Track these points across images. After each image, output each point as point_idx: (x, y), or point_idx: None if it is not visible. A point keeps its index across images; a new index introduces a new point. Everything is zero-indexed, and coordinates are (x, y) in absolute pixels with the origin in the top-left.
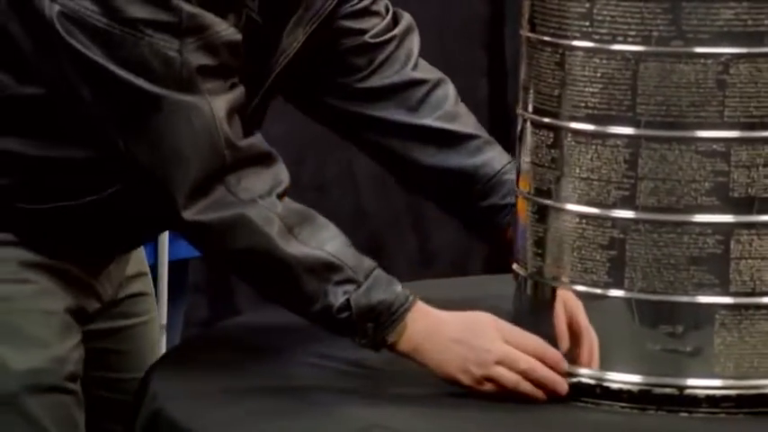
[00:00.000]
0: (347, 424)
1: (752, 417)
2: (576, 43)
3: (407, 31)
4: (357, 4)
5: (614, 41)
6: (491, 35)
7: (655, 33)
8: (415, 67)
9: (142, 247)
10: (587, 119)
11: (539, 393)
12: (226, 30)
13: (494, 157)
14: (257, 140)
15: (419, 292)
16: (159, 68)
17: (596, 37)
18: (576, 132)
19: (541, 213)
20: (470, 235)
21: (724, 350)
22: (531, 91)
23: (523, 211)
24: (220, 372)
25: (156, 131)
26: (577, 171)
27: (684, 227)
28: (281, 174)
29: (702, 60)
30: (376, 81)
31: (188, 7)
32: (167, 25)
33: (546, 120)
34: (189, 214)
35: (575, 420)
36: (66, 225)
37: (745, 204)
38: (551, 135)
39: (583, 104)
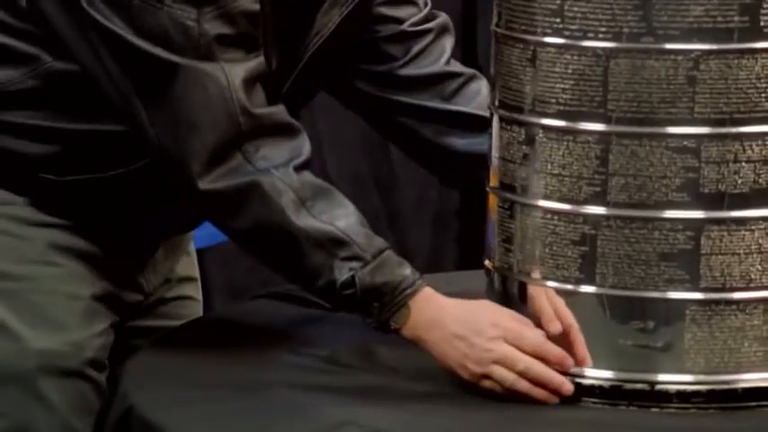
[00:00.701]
0: (321, 421)
1: (722, 412)
2: (546, 39)
3: (444, 29)
4: None
5: (585, 38)
6: (464, 32)
7: (625, 30)
8: (449, 62)
9: (195, 253)
10: (558, 115)
11: (538, 392)
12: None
13: None
14: (277, 110)
15: None
16: (177, 37)
17: (567, 33)
18: (547, 128)
19: (512, 209)
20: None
21: (694, 345)
22: (503, 87)
23: (494, 207)
24: (192, 370)
25: (173, 100)
26: (548, 167)
27: (655, 223)
28: (302, 146)
29: (673, 57)
30: (411, 70)
31: None
32: None
33: (517, 116)
34: (204, 183)
35: (544, 417)
36: (97, 199)
37: (716, 200)
38: (522, 131)
39: (554, 101)
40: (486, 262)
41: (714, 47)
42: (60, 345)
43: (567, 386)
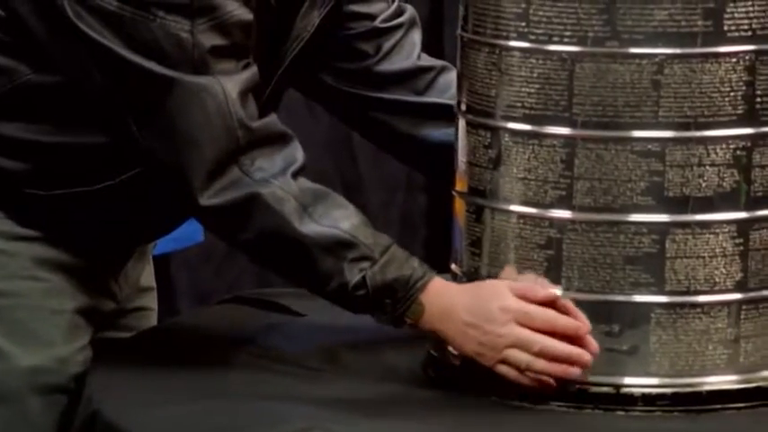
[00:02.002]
0: (287, 426)
1: (687, 414)
2: (512, 43)
3: (413, 23)
4: None
5: (550, 42)
6: (430, 36)
7: (590, 34)
8: (419, 57)
9: (152, 262)
10: (524, 119)
11: (555, 368)
12: (237, 9)
13: None
14: (271, 121)
15: None
16: (171, 50)
17: (532, 37)
18: (513, 132)
19: (479, 213)
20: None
21: (659, 349)
22: (468, 91)
23: (461, 211)
24: (157, 375)
25: (168, 115)
26: (514, 171)
27: (620, 226)
28: (295, 153)
29: (637, 61)
30: (384, 67)
31: None
32: (179, 6)
33: (483, 120)
34: (204, 199)
35: (509, 419)
36: (82, 212)
37: (680, 204)
38: (488, 135)
39: (519, 104)
40: (453, 266)
41: (678, 51)
42: (47, 361)
43: (585, 356)
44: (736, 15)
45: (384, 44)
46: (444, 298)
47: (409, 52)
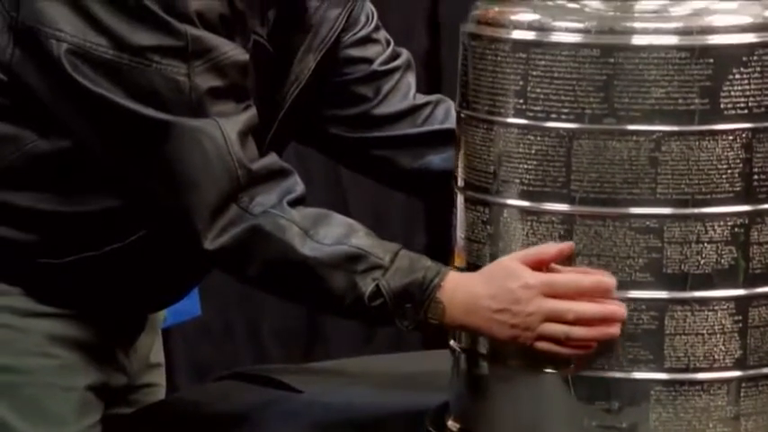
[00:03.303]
0: None
1: None
2: (510, 120)
3: (409, 65)
4: (359, 31)
5: (548, 119)
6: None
7: (588, 111)
8: (414, 97)
9: (161, 338)
10: (522, 195)
11: (595, 332)
12: (233, 50)
13: None
14: (270, 160)
15: (357, 369)
16: (168, 94)
17: (530, 114)
18: (511, 209)
19: None
20: None
21: (659, 426)
22: (466, 167)
23: None
24: None
25: (168, 159)
26: (513, 247)
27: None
28: (293, 186)
29: (635, 138)
30: (384, 109)
31: (192, 30)
32: (174, 50)
33: (481, 196)
34: (209, 243)
35: None
36: (95, 277)
37: (679, 280)
38: (486, 211)
39: (517, 181)
40: (452, 342)
41: (675, 128)
42: None
43: (621, 311)
44: (732, 93)
45: (383, 86)
46: (463, 291)
47: (405, 93)
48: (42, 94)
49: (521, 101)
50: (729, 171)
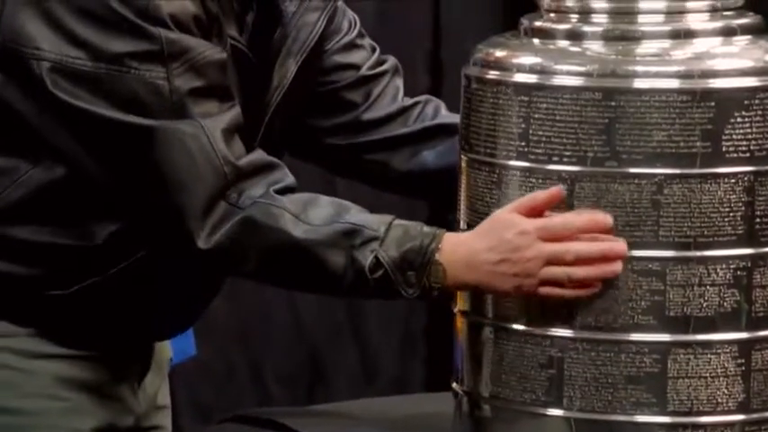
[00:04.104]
0: None
1: None
2: (512, 162)
3: (396, 70)
4: (343, 38)
5: (550, 161)
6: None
7: (590, 154)
8: (402, 99)
9: (167, 381)
10: None
11: (596, 270)
12: (209, 49)
13: None
14: (257, 155)
15: (359, 412)
16: (149, 99)
17: (532, 157)
18: None
19: (479, 331)
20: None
21: None
22: (468, 209)
23: (462, 328)
24: None
25: (155, 164)
26: None
27: (622, 346)
28: (281, 177)
29: (637, 181)
30: (374, 113)
31: (167, 33)
32: (150, 54)
33: None
34: (202, 242)
35: None
36: (99, 305)
37: (681, 323)
38: None
39: None
40: (454, 384)
41: (677, 171)
42: None
43: (619, 246)
44: (734, 137)
45: (373, 91)
46: (461, 249)
47: (394, 96)
48: (28, 116)
49: (523, 143)
50: (732, 214)
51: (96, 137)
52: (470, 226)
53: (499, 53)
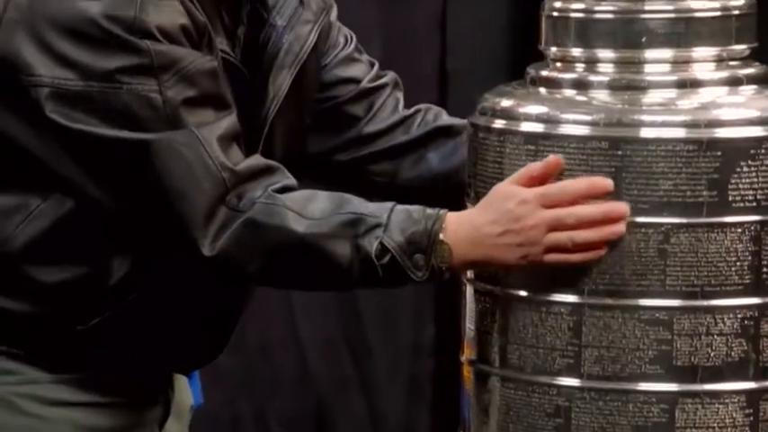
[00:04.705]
0: None
1: None
2: None
3: (397, 84)
4: (340, 52)
5: None
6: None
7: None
8: (403, 109)
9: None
10: (531, 286)
11: (599, 233)
12: (199, 58)
13: None
14: (255, 160)
15: None
16: (144, 113)
17: None
18: (520, 300)
19: (486, 381)
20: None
21: None
22: None
23: (468, 378)
24: None
25: (154, 177)
26: (522, 339)
27: (629, 395)
28: (279, 178)
29: (643, 230)
30: (376, 125)
31: (155, 45)
32: (140, 68)
33: (490, 287)
34: (207, 249)
35: None
36: (119, 337)
37: (689, 373)
38: (495, 303)
39: (526, 271)
40: None
41: (684, 220)
42: None
43: (621, 207)
44: (740, 186)
45: (374, 102)
46: (464, 226)
47: (395, 107)
48: (32, 148)
49: None
50: (738, 263)
51: (95, 157)
52: (479, 276)
53: (506, 102)
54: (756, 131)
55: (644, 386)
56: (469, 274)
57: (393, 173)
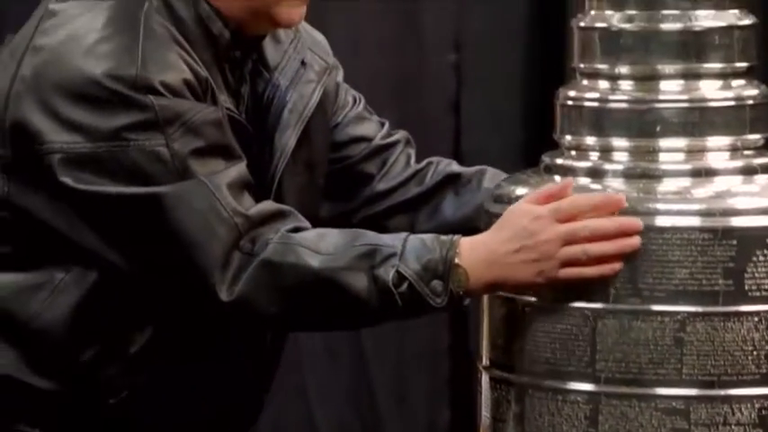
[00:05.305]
0: None
1: None
2: (534, 299)
3: (408, 141)
4: (350, 111)
5: (573, 298)
6: None
7: (612, 291)
8: (414, 163)
9: None
10: (547, 375)
11: (613, 246)
12: (203, 109)
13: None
14: (267, 204)
15: None
16: (153, 168)
17: (555, 293)
18: (536, 388)
19: None
20: None
21: None
22: (491, 346)
23: None
24: None
25: (168, 229)
26: (538, 427)
27: None
28: (291, 221)
29: (659, 318)
30: (388, 182)
31: (158, 100)
32: (146, 123)
33: (506, 375)
34: (226, 294)
35: None
36: (151, 406)
37: None
38: (511, 390)
39: (542, 360)
40: None
41: (700, 309)
42: None
43: (636, 222)
44: (756, 275)
45: (388, 159)
46: (479, 249)
47: (407, 162)
48: (49, 219)
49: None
50: (755, 353)
51: (109, 218)
52: (493, 363)
53: (521, 190)
54: None
55: None
56: (486, 360)
57: (409, 226)
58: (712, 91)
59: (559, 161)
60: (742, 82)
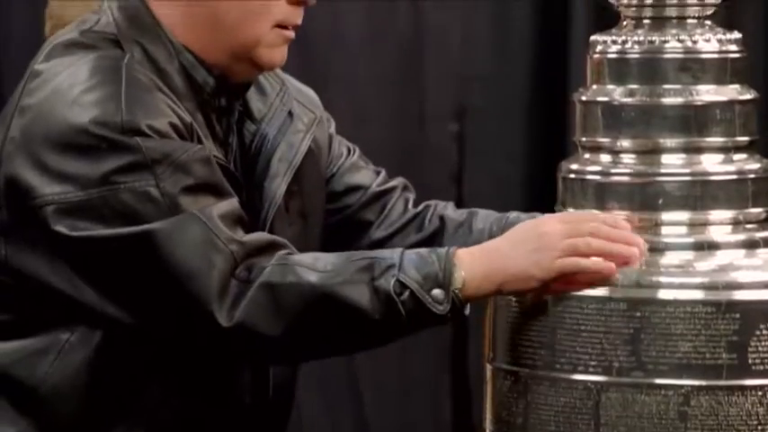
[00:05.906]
0: None
1: None
2: (538, 372)
3: (406, 186)
4: (346, 160)
5: (576, 371)
6: (454, 359)
7: (615, 364)
8: (412, 207)
9: None
10: None
11: (615, 247)
12: (191, 147)
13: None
14: (260, 234)
15: None
16: (144, 208)
17: (558, 366)
18: None
19: None
20: None
21: None
22: (495, 418)
23: None
24: None
25: (163, 264)
26: None
27: None
28: (285, 251)
29: (663, 392)
30: (387, 229)
31: (145, 141)
32: (134, 165)
33: None
34: (226, 320)
35: None
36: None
37: None
38: None
39: None
40: None
41: (704, 383)
42: None
43: (638, 238)
44: (759, 349)
45: (387, 204)
46: (477, 253)
47: (405, 207)
48: (49, 279)
49: (549, 353)
50: (760, 427)
51: (104, 263)
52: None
53: None
54: None
55: None
56: (489, 431)
57: None
58: (714, 165)
59: None
60: (744, 156)
